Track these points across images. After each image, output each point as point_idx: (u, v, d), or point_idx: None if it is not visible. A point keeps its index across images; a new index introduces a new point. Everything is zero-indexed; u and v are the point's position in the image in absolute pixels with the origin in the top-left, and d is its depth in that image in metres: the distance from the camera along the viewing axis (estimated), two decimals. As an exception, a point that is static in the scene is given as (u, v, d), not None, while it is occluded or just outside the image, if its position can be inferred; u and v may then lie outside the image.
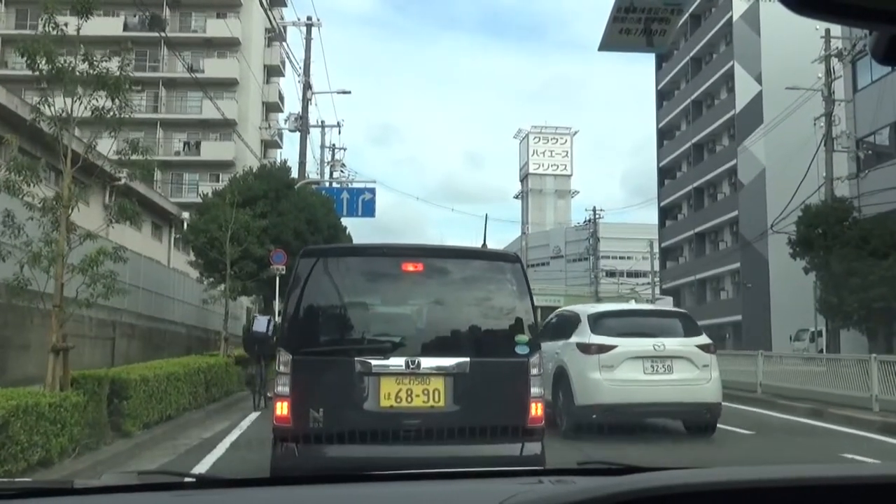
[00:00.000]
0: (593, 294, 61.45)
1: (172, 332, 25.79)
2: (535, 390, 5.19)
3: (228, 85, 48.70)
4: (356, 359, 5.09)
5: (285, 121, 29.03)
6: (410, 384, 5.05)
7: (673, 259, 57.16)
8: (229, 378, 14.04)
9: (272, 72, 54.75)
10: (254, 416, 12.18)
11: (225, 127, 43.54)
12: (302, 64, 25.71)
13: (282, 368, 5.14)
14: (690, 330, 10.37)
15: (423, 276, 5.47)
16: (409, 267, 5.42)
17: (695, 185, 52.23)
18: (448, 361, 5.09)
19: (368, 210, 25.93)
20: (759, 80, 45.57)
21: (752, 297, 44.22)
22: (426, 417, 5.03)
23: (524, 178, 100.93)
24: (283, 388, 5.07)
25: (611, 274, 71.40)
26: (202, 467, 7.15)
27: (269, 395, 11.22)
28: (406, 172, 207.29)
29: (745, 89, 46.56)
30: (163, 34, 42.12)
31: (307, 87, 25.49)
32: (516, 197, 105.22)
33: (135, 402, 8.69)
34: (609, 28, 7.24)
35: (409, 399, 5.03)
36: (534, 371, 5.21)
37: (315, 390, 5.08)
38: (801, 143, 37.72)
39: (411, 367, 5.04)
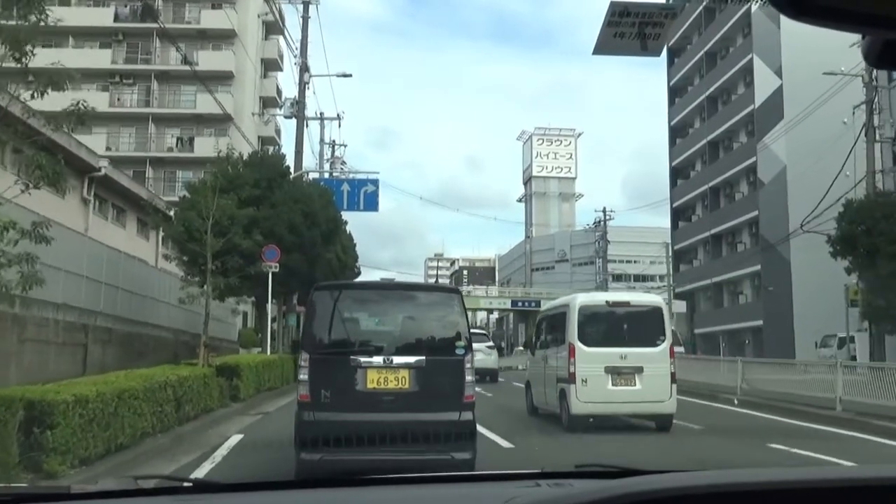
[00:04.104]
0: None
1: (156, 337, 23.56)
2: (468, 378, 7.16)
3: (223, 78, 46.45)
4: (351, 357, 7.08)
5: (280, 107, 26.82)
6: (386, 374, 7.03)
7: (686, 262, 54.93)
8: (208, 393, 11.79)
9: (269, 66, 52.60)
10: (234, 440, 9.97)
11: (220, 122, 41.42)
12: (299, 45, 23.50)
13: (302, 364, 7.15)
14: (487, 340, 27.21)
15: (396, 303, 7.81)
16: (388, 297, 8.01)
17: (710, 184, 50.02)
18: (411, 359, 7.08)
19: (371, 203, 23.71)
20: (778, 73, 43.48)
21: (774, 301, 41.99)
22: (396, 395, 7.01)
23: (528, 181, 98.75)
24: (303, 376, 7.08)
25: (617, 278, 69.74)
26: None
27: None
28: (408, 177, 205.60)
29: (764, 84, 44.45)
30: (159, 24, 40.05)
31: (304, 69, 23.30)
32: (519, 200, 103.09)
33: (64, 432, 6.48)
34: (603, 32, 7.72)
35: (386, 383, 7.01)
36: (467, 366, 7.17)
37: (324, 378, 7.04)
38: (825, 139, 35.71)
39: (387, 362, 7.06)
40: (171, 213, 22.24)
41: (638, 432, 11.61)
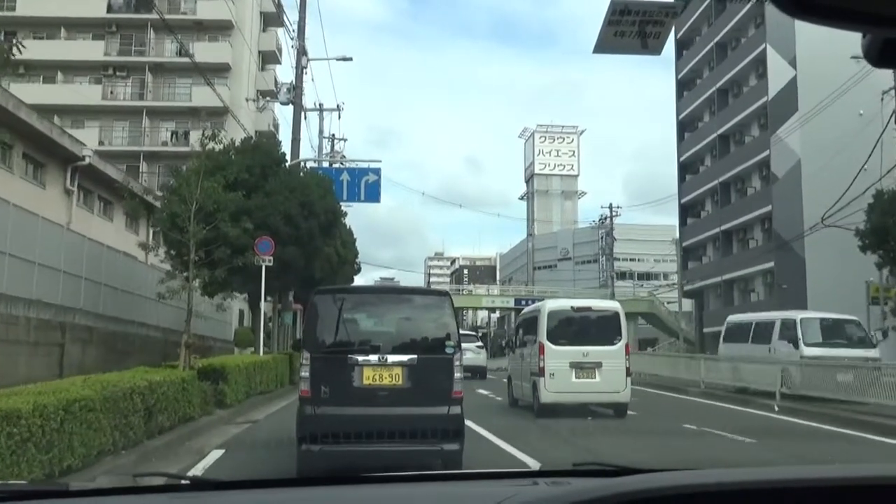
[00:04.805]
0: (608, 297, 57.95)
1: (143, 336, 22.18)
2: (456, 375, 7.76)
3: (220, 70, 45.03)
4: (348, 356, 7.68)
5: (277, 92, 25.44)
6: (381, 371, 7.65)
7: (695, 259, 53.48)
8: (187, 399, 10.36)
9: (267, 59, 51.20)
10: (214, 456, 8.58)
11: (216, 116, 40.00)
12: (296, 26, 22.06)
13: (304, 362, 7.83)
14: (476, 340, 32.01)
15: (391, 306, 8.57)
16: (383, 300, 8.87)
17: (720, 179, 48.59)
18: (404, 357, 7.69)
19: (373, 194, 22.31)
20: (793, 64, 42.05)
21: (787, 299, 40.58)
22: (390, 390, 7.62)
23: (529, 179, 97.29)
24: (304, 374, 7.74)
25: (622, 276, 68.60)
26: None
27: None
28: (409, 177, 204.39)
29: (777, 75, 43.02)
30: (157, 14, 38.61)
31: (302, 52, 21.89)
32: (521, 198, 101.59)
33: (-16, 457, 5.10)
34: (604, 31, 7.51)
35: (380, 380, 7.64)
36: (456, 363, 7.81)
37: (324, 375, 7.67)
38: (843, 131, 34.33)
39: (382, 360, 7.66)
40: (156, 200, 20.84)
41: (701, 442, 10.45)
